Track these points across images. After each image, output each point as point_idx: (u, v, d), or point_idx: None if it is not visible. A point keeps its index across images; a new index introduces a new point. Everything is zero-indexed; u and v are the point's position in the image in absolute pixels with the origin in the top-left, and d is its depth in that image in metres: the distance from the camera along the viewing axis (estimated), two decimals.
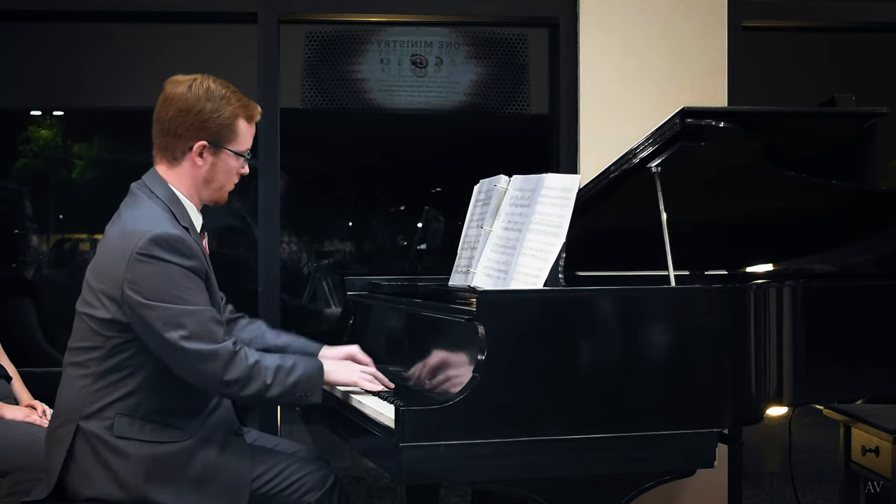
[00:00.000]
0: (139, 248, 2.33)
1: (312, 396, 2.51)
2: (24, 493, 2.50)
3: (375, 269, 4.54)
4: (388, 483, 4.52)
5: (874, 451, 3.12)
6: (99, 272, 2.42)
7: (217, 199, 2.57)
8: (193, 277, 2.39)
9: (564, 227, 2.48)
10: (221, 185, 2.55)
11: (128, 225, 2.41)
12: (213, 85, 2.48)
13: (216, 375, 2.37)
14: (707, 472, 2.62)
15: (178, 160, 2.49)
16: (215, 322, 2.40)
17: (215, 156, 2.50)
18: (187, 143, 2.47)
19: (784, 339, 2.57)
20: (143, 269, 2.34)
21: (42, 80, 4.25)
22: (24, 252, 4.36)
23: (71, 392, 2.44)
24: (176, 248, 2.36)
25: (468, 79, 4.27)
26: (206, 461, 2.45)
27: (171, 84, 2.50)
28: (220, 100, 2.47)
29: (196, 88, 2.47)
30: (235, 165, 2.54)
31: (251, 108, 2.55)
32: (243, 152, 2.54)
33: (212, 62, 4.22)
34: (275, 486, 2.53)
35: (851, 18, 4.15)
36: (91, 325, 2.41)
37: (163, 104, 2.49)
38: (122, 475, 2.38)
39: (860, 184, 2.87)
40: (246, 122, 2.53)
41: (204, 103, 2.46)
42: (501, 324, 2.29)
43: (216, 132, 2.48)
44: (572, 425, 2.32)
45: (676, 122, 2.49)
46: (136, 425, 2.40)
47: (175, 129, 2.47)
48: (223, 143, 2.50)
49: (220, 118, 2.47)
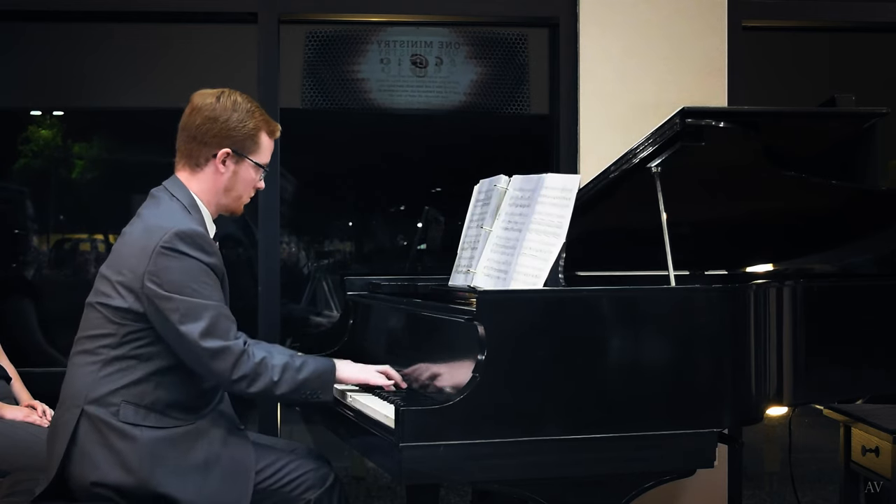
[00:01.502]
0: (164, 242, 2.41)
1: (323, 395, 2.54)
2: (24, 493, 2.50)
3: (375, 269, 4.54)
4: (388, 483, 4.52)
5: (874, 451, 3.12)
6: (118, 266, 2.48)
7: (233, 210, 2.67)
8: (212, 274, 2.47)
9: (564, 227, 2.48)
10: (239, 195, 2.64)
11: (150, 221, 2.49)
12: (240, 98, 2.61)
13: (225, 372, 2.42)
14: (707, 472, 2.62)
15: (202, 167, 2.58)
16: (229, 319, 2.46)
17: (237, 164, 2.60)
18: (212, 150, 2.57)
19: (784, 339, 2.57)
20: (166, 262, 2.41)
21: (42, 80, 4.25)
22: (24, 252, 4.36)
23: (77, 378, 2.47)
24: (198, 243, 2.44)
25: (468, 79, 4.27)
26: (210, 446, 2.48)
27: (200, 96, 2.61)
28: (246, 112, 2.59)
29: (224, 100, 2.59)
30: (254, 177, 2.64)
31: (273, 125, 2.67)
32: (263, 165, 2.64)
33: (212, 62, 4.22)
34: (276, 482, 2.55)
35: (851, 18, 4.15)
36: (105, 314, 2.46)
37: (190, 113, 2.59)
38: (127, 458, 2.39)
39: (860, 184, 2.87)
40: (268, 136, 2.65)
41: (231, 113, 2.57)
42: (501, 324, 2.29)
43: (241, 141, 2.59)
44: (572, 425, 2.32)
45: (676, 122, 2.49)
46: (141, 413, 2.43)
47: (202, 137, 2.57)
48: (246, 153, 2.60)
49: (245, 129, 2.59)
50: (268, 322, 3.86)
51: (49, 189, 4.46)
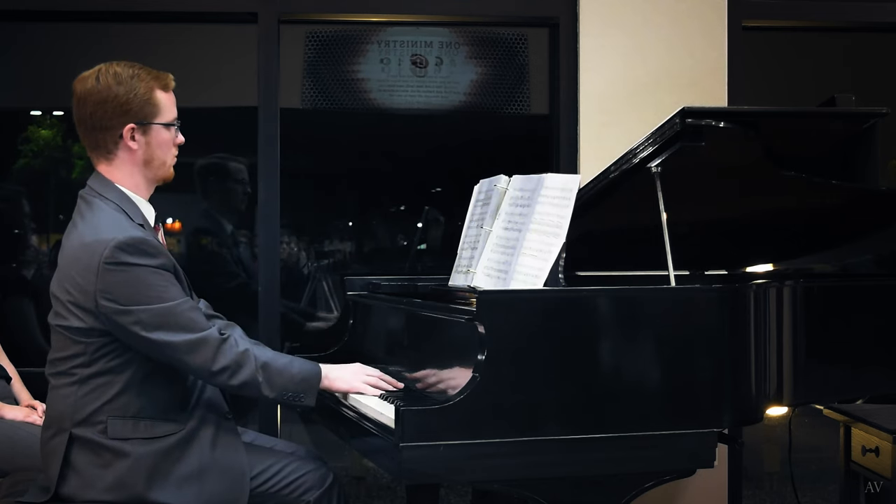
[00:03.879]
0: (105, 258, 2.33)
1: (306, 399, 2.51)
2: (24, 493, 2.50)
3: (375, 269, 4.54)
4: (388, 483, 4.52)
5: (874, 451, 3.12)
6: (63, 283, 2.41)
7: (164, 177, 2.56)
8: (164, 274, 2.39)
9: (564, 227, 2.48)
10: (163, 162, 2.54)
11: (86, 236, 2.40)
12: (119, 68, 2.49)
13: (205, 364, 2.38)
14: (707, 472, 2.62)
15: (113, 152, 2.49)
16: (195, 310, 2.41)
17: (146, 135, 2.49)
18: (116, 131, 2.47)
19: (784, 339, 2.57)
20: (114, 277, 2.34)
21: (42, 80, 4.25)
22: (23, 252, 4.36)
23: (59, 401, 2.43)
24: (142, 249, 2.36)
25: (468, 79, 4.27)
26: (202, 452, 2.45)
27: (80, 82, 2.51)
28: (131, 79, 2.47)
29: (104, 78, 2.47)
30: (169, 137, 2.53)
31: (163, 78, 2.54)
32: (171, 121, 2.54)
33: (212, 62, 4.22)
34: (274, 485, 2.54)
35: (852, 18, 4.15)
36: (68, 336, 2.41)
37: (79, 104, 2.49)
38: (122, 475, 2.37)
39: (860, 184, 2.87)
40: (163, 91, 2.52)
41: (116, 88, 2.45)
42: (501, 324, 2.29)
43: (138, 111, 2.47)
44: (572, 425, 2.32)
45: (676, 122, 2.49)
46: (129, 425, 2.40)
47: (99, 123, 2.47)
48: (149, 119, 2.49)
49: (137, 97, 2.47)
50: (268, 322, 3.85)
51: (49, 189, 4.46)
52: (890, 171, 4.10)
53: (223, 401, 2.62)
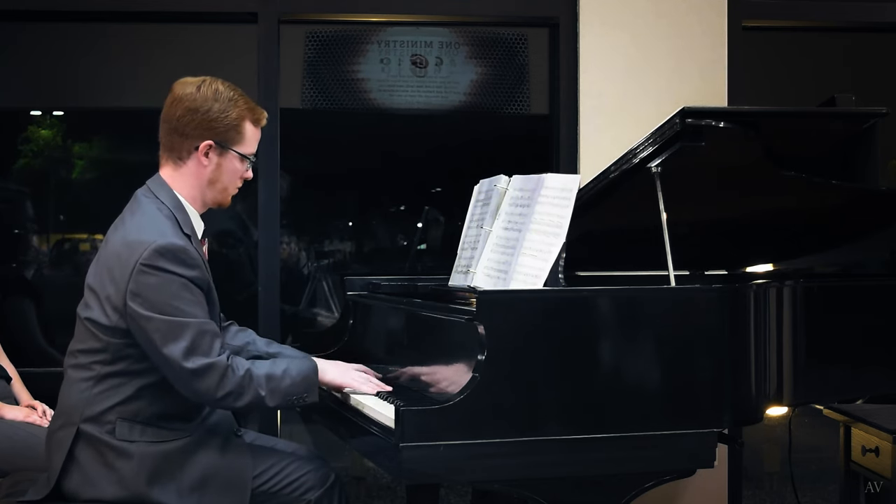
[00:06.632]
0: (143, 259, 2.34)
1: (309, 397, 2.52)
2: (24, 494, 2.50)
3: (375, 269, 4.54)
4: (388, 483, 4.52)
5: (874, 451, 3.12)
6: (101, 279, 2.42)
7: (221, 202, 2.58)
8: (194, 289, 2.39)
9: (564, 226, 2.48)
10: (225, 188, 2.56)
11: (130, 234, 2.41)
12: (222, 87, 2.51)
13: (210, 390, 2.37)
14: (707, 472, 2.62)
15: (184, 160, 2.51)
16: (213, 336, 2.39)
17: (221, 156, 2.51)
18: (194, 142, 2.49)
19: (784, 339, 2.57)
20: (147, 279, 2.34)
21: (42, 80, 4.25)
22: (24, 252, 4.36)
23: (73, 394, 2.44)
24: (179, 258, 2.37)
25: (468, 79, 4.27)
26: (207, 459, 2.46)
27: (181, 85, 2.52)
28: (228, 101, 2.50)
29: (205, 89, 2.49)
30: (240, 168, 2.55)
31: (258, 112, 2.56)
32: (248, 155, 2.55)
33: (212, 62, 4.22)
34: (275, 485, 2.54)
35: (852, 18, 4.15)
36: (93, 331, 2.41)
37: (171, 104, 2.50)
38: (125, 476, 2.38)
39: (860, 184, 2.87)
40: (252, 125, 2.55)
41: (212, 104, 2.48)
42: (501, 324, 2.29)
43: (223, 133, 2.49)
44: (572, 425, 2.32)
45: (676, 122, 2.49)
46: (136, 429, 2.40)
47: (182, 129, 2.48)
48: (229, 144, 2.51)
49: (228, 119, 2.49)
50: (268, 322, 3.85)
51: (49, 189, 4.46)
52: (890, 171, 4.10)
53: (232, 418, 2.64)
